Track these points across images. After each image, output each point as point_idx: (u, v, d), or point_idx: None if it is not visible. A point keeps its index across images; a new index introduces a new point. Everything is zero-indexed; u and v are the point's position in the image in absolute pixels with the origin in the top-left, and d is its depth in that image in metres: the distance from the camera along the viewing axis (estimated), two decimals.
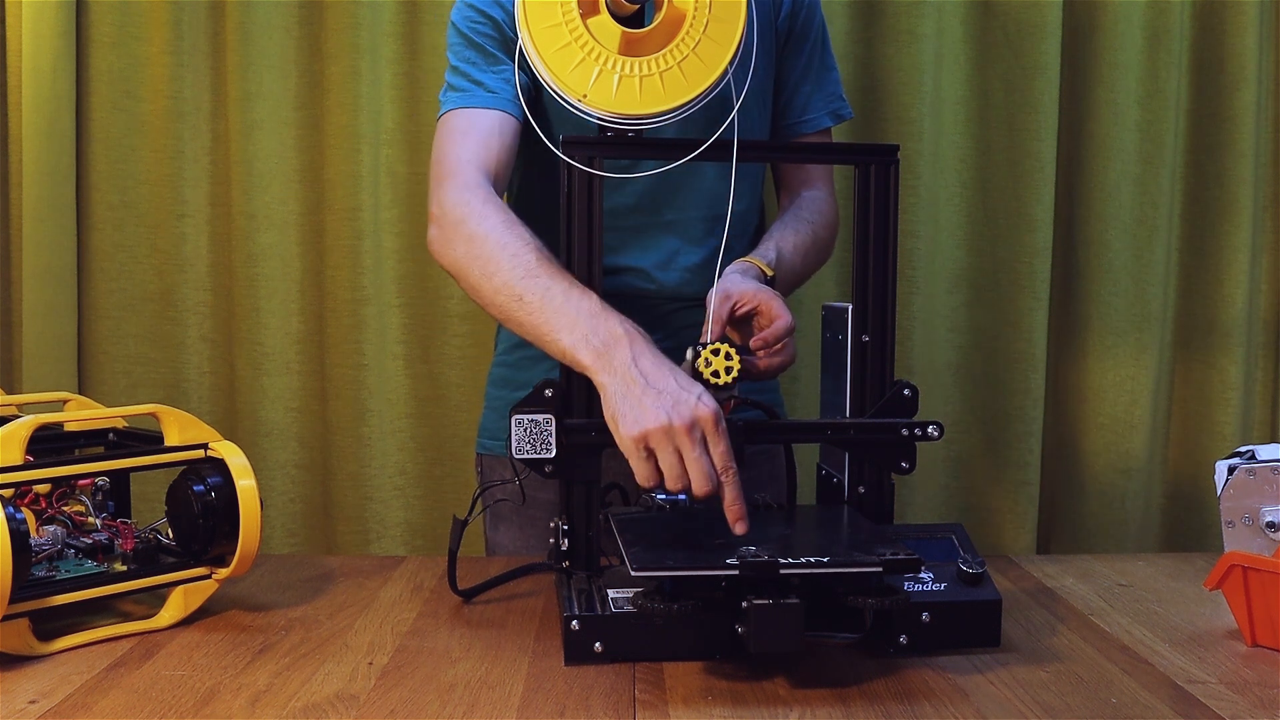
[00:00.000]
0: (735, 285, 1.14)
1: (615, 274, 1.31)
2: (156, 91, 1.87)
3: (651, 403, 0.96)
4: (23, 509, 1.05)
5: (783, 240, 1.28)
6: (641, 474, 0.97)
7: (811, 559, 0.90)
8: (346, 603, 1.12)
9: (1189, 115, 1.93)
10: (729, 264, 1.19)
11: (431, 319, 1.88)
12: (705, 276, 1.34)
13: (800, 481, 1.22)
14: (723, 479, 0.96)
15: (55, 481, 1.10)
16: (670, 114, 1.03)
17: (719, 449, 0.96)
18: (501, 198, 1.23)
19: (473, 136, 1.22)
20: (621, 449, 0.98)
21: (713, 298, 1.11)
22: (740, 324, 1.14)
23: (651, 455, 0.97)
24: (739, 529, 0.97)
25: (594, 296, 1.05)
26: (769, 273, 1.20)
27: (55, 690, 0.89)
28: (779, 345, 1.12)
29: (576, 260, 1.07)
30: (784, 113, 1.39)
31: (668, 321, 1.34)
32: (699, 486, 0.96)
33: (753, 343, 1.11)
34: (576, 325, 1.03)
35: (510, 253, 1.10)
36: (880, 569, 0.91)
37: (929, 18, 1.84)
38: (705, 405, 0.97)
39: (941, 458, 1.92)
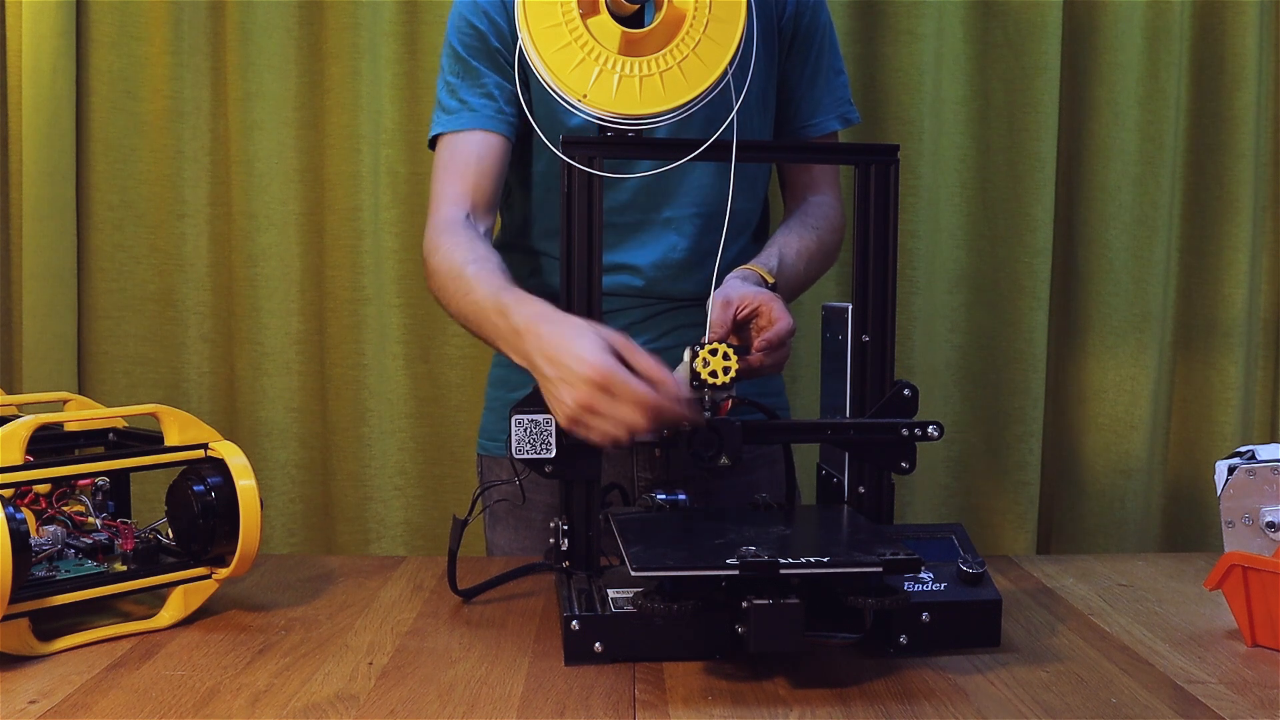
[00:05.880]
0: (735, 290, 1.14)
1: (608, 271, 1.31)
2: (156, 91, 1.87)
3: (554, 392, 1.00)
4: (23, 509, 1.05)
5: (786, 246, 1.28)
6: (598, 440, 1.00)
7: (811, 559, 0.90)
8: (346, 603, 1.12)
9: (1189, 115, 1.93)
10: (726, 263, 1.19)
11: (431, 319, 1.88)
12: (698, 276, 1.34)
13: (800, 481, 1.22)
14: (647, 402, 0.97)
15: (55, 481, 1.10)
16: (670, 114, 1.04)
17: (626, 390, 0.97)
18: (490, 214, 1.29)
19: (451, 169, 1.29)
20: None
21: (713, 304, 1.12)
22: (740, 327, 1.14)
23: (592, 428, 0.99)
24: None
25: (509, 295, 1.09)
26: (770, 279, 1.20)
27: (55, 690, 0.89)
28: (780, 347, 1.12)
29: (576, 260, 1.07)
30: (792, 116, 1.38)
31: (661, 321, 1.34)
32: (637, 426, 0.97)
33: (756, 345, 1.12)
34: (505, 339, 1.08)
35: (455, 282, 1.17)
36: (880, 569, 0.91)
37: (929, 18, 1.84)
38: (587, 363, 0.97)
39: (941, 458, 1.92)
